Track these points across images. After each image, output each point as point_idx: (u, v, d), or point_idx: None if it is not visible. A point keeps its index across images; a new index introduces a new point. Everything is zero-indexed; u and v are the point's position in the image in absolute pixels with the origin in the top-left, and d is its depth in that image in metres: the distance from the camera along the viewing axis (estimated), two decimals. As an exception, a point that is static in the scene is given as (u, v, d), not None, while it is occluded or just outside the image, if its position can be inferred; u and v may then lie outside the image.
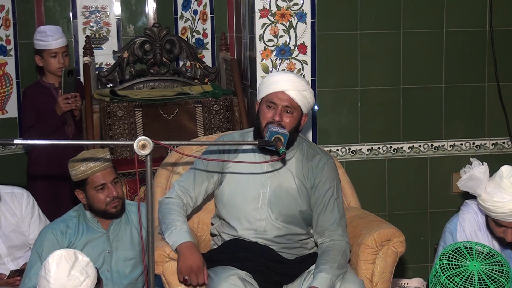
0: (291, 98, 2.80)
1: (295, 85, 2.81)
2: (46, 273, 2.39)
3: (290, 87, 2.80)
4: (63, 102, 3.88)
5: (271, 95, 2.81)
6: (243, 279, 2.66)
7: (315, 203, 2.88)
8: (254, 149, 2.90)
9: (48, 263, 2.40)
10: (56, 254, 2.40)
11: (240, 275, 2.67)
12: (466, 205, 3.03)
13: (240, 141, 2.94)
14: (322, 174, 2.89)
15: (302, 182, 2.87)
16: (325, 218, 2.85)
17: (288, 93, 2.79)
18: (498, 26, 3.98)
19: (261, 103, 2.85)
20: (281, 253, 2.85)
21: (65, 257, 2.39)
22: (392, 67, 3.95)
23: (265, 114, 2.81)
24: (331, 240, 2.81)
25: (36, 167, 4.01)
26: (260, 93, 2.87)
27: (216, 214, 3.00)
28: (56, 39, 4.00)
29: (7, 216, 3.23)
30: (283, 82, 2.81)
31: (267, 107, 2.81)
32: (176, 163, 3.18)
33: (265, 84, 2.84)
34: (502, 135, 4.06)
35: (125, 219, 3.12)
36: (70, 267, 2.38)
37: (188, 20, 4.70)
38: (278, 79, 2.82)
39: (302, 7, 3.76)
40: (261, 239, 2.84)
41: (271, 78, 2.85)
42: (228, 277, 2.63)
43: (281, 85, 2.80)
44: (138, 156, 2.13)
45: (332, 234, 2.83)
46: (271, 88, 2.81)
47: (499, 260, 2.42)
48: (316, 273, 2.67)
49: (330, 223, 2.84)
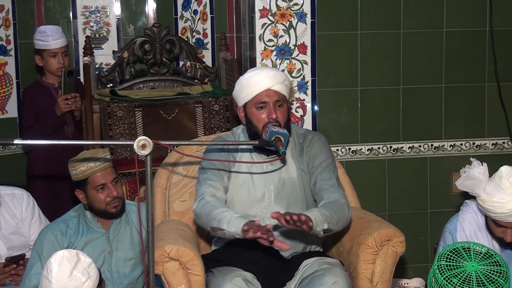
0: (278, 92, 2.81)
1: (277, 79, 2.81)
2: (48, 273, 2.39)
3: (273, 82, 2.81)
4: (63, 102, 3.88)
5: (258, 96, 2.80)
6: (247, 280, 2.66)
7: (313, 171, 2.88)
8: (250, 149, 2.90)
9: (50, 263, 2.40)
10: (58, 254, 2.40)
11: (244, 276, 2.67)
12: (466, 205, 3.03)
13: (240, 141, 2.94)
14: (316, 147, 2.92)
15: (300, 167, 2.90)
16: (324, 182, 2.84)
17: (273, 88, 2.80)
18: (498, 26, 3.98)
19: (248, 107, 2.84)
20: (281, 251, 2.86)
21: (67, 258, 2.39)
22: (392, 67, 3.95)
23: (259, 116, 2.80)
24: (330, 198, 2.78)
25: (36, 167, 4.01)
26: (242, 98, 2.85)
27: None
28: (56, 39, 4.00)
29: (7, 218, 3.23)
30: (265, 80, 2.80)
31: (259, 108, 2.80)
32: (176, 163, 3.18)
33: (246, 88, 2.82)
34: (502, 135, 4.06)
35: (125, 219, 3.12)
36: (72, 268, 2.38)
37: (188, 20, 4.70)
38: (258, 78, 2.81)
39: (302, 7, 3.76)
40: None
41: (251, 80, 2.82)
42: (232, 278, 2.63)
43: (264, 83, 2.80)
44: (138, 156, 2.13)
45: (331, 195, 2.80)
46: (255, 90, 2.80)
47: (497, 260, 2.42)
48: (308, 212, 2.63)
49: (330, 185, 2.83)
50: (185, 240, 2.83)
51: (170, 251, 2.71)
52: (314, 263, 2.81)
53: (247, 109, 2.85)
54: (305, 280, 2.75)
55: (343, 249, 3.00)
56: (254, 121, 2.82)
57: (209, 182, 2.83)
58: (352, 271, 2.87)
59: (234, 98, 2.95)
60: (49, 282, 2.38)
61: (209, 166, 2.89)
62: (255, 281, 2.71)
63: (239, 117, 2.94)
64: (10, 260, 3.09)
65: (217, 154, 2.94)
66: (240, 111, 2.90)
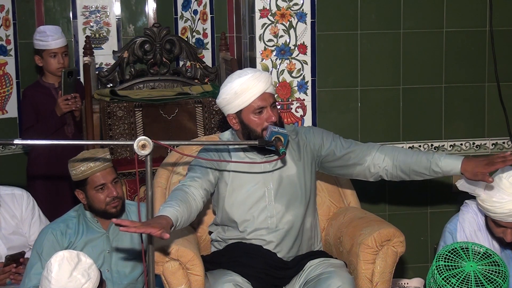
0: (271, 94, 2.81)
1: (266, 81, 2.79)
2: (48, 273, 2.40)
3: (266, 85, 2.79)
4: (63, 103, 3.88)
5: (255, 102, 2.76)
6: (237, 285, 2.66)
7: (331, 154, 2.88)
8: (244, 149, 2.88)
9: (50, 263, 2.41)
10: (59, 255, 2.40)
11: (235, 281, 2.66)
12: (466, 205, 3.03)
13: (240, 141, 2.94)
14: (316, 136, 2.93)
15: (298, 163, 2.89)
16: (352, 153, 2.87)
17: (268, 91, 2.79)
18: (498, 26, 3.98)
19: (243, 113, 2.78)
20: (280, 253, 2.86)
21: (68, 258, 2.40)
22: (392, 67, 3.95)
23: (257, 121, 2.77)
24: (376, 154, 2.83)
25: (36, 167, 4.01)
26: (235, 105, 2.78)
27: (215, 222, 2.99)
28: (56, 39, 4.00)
29: (7, 218, 3.23)
30: (259, 84, 2.76)
31: (257, 113, 2.77)
32: (176, 163, 3.18)
33: (241, 95, 2.75)
34: (502, 135, 4.06)
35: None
36: (72, 269, 2.39)
37: (188, 20, 4.70)
38: (251, 84, 2.75)
39: (302, 7, 3.76)
40: (272, 236, 2.85)
41: (243, 87, 2.75)
42: (223, 283, 2.63)
43: (258, 88, 2.76)
44: (138, 156, 2.14)
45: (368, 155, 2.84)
46: (250, 97, 2.75)
47: (496, 260, 2.42)
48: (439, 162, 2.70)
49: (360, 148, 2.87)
50: (185, 240, 2.83)
51: (170, 251, 2.71)
52: (318, 264, 2.82)
53: (242, 115, 2.79)
54: (310, 282, 2.75)
55: (343, 249, 3.00)
56: (252, 126, 2.79)
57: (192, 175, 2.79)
58: (352, 271, 2.87)
59: (220, 105, 2.84)
60: (48, 282, 2.38)
61: (197, 163, 2.86)
62: (247, 286, 2.70)
63: (231, 124, 2.86)
64: (10, 258, 3.09)
65: (210, 154, 2.90)
66: (232, 118, 2.83)
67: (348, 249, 2.94)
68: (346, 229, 3.01)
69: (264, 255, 2.82)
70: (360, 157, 2.85)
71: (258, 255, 2.81)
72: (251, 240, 2.86)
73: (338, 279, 2.68)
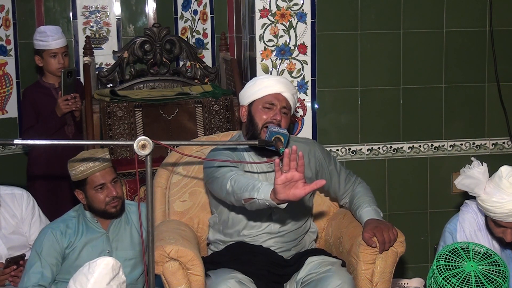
0: (287, 100, 2.85)
1: (288, 88, 2.86)
2: (89, 272, 2.36)
3: (285, 89, 2.85)
4: (63, 103, 3.88)
5: (268, 96, 2.83)
6: (241, 282, 2.66)
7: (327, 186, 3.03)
8: (247, 150, 2.89)
9: (96, 264, 2.38)
10: (107, 259, 2.38)
11: (238, 279, 2.67)
12: (466, 205, 3.03)
13: (240, 141, 2.94)
14: (329, 163, 3.03)
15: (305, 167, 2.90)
16: (341, 184, 3.04)
17: (284, 95, 2.85)
18: (498, 26, 3.98)
19: (254, 105, 2.85)
20: (282, 252, 2.86)
21: (113, 267, 2.38)
22: (392, 67, 3.95)
23: (261, 115, 2.82)
24: (353, 189, 3.04)
25: (36, 167, 4.01)
26: (251, 94, 2.87)
27: (215, 224, 2.99)
28: (56, 39, 4.00)
29: (7, 218, 3.23)
30: (278, 85, 2.85)
31: (265, 108, 2.82)
32: (176, 163, 3.18)
33: (257, 88, 2.84)
34: (502, 135, 4.06)
35: (125, 219, 3.12)
36: (111, 278, 2.37)
37: (188, 20, 4.70)
38: (271, 82, 2.85)
39: (302, 7, 3.76)
40: (272, 241, 2.85)
41: (264, 81, 2.86)
42: (226, 280, 2.63)
43: (277, 87, 2.84)
44: (138, 156, 2.13)
45: (351, 186, 3.05)
46: (266, 91, 2.83)
47: (496, 260, 2.42)
48: (360, 211, 2.90)
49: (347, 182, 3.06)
50: (185, 240, 2.83)
51: (170, 251, 2.71)
52: (318, 263, 2.82)
53: (252, 107, 2.86)
54: (310, 281, 2.75)
55: (343, 249, 3.00)
56: (256, 119, 2.83)
57: (231, 168, 2.73)
58: (352, 271, 2.87)
59: (240, 96, 2.95)
60: (86, 280, 2.35)
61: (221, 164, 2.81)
62: (251, 284, 2.70)
63: (240, 114, 2.94)
64: (10, 261, 3.09)
65: (228, 153, 2.90)
66: (244, 109, 2.91)
67: (348, 249, 2.94)
68: (346, 229, 3.02)
69: (265, 254, 2.82)
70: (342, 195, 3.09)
71: (259, 253, 2.82)
72: (251, 242, 2.86)
73: (338, 278, 2.69)
